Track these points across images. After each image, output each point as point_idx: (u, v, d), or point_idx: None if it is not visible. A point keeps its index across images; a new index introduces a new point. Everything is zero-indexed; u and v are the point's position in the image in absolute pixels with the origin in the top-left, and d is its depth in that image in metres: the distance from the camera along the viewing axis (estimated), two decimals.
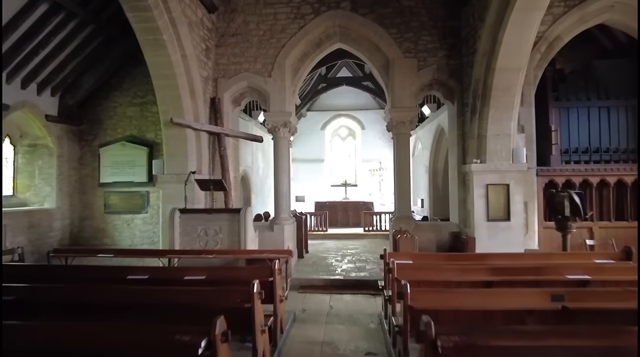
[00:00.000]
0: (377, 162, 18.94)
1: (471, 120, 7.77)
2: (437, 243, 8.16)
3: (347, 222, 16.14)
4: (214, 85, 8.58)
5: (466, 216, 8.05)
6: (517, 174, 7.57)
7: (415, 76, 8.27)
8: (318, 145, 19.45)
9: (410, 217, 8.30)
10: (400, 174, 8.33)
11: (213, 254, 6.43)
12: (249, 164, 10.93)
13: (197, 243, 6.91)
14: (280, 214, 8.36)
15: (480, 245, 7.47)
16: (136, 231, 8.98)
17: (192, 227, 6.92)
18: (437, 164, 11.93)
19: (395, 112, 8.21)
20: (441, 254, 5.83)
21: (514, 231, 7.52)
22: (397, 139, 8.41)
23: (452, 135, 8.66)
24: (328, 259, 10.12)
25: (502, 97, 7.24)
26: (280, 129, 8.35)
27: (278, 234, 8.22)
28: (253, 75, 8.49)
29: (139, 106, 9.11)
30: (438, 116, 10.92)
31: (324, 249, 11.74)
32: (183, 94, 7.62)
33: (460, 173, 8.21)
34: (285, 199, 8.44)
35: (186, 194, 7.22)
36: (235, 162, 8.92)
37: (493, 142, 7.53)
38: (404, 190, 8.28)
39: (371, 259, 10.13)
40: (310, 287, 7.85)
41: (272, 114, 8.38)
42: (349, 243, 12.77)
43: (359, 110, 19.32)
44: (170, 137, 7.84)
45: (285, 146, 8.51)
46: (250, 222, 6.84)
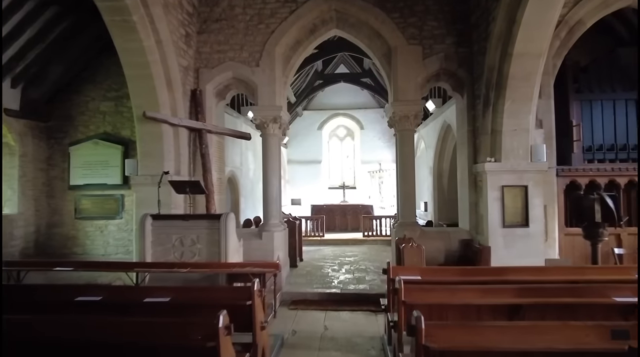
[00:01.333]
0: (376, 163, 18.08)
1: (484, 114, 6.89)
2: (445, 252, 7.26)
3: (346, 227, 15.28)
4: (195, 76, 7.70)
5: (478, 222, 7.16)
6: (537, 174, 6.69)
7: (420, 66, 7.39)
8: (315, 146, 18.58)
9: (415, 224, 7.40)
10: (403, 175, 7.44)
11: (187, 268, 5.55)
12: (237, 164, 10.02)
13: (171, 254, 6.03)
14: (270, 220, 7.46)
15: (495, 255, 6.59)
16: (110, 239, 8.08)
17: (166, 236, 6.04)
18: (442, 164, 11.04)
19: (399, 105, 7.33)
20: (454, 269, 4.97)
21: (533, 238, 6.64)
22: (401, 136, 7.52)
23: (461, 132, 7.77)
24: (324, 269, 9.23)
25: (520, 87, 6.37)
26: (269, 125, 7.46)
27: (267, 243, 7.32)
28: (239, 65, 7.61)
29: (114, 101, 8.22)
30: (444, 112, 10.04)
31: (320, 256, 10.84)
32: (158, 85, 6.74)
33: (471, 174, 7.33)
34: (275, 203, 7.55)
35: (160, 197, 6.35)
36: (219, 162, 8.03)
37: (509, 139, 6.65)
38: (408, 193, 7.39)
39: (371, 268, 9.24)
40: (303, 302, 6.96)
41: (260, 108, 7.49)
42: (347, 250, 11.88)
43: (358, 109, 18.46)
44: (144, 134, 6.96)
45: (275, 144, 7.62)
46: (233, 230, 5.95)
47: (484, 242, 6.81)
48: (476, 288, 4.00)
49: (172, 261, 5.97)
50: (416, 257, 6.22)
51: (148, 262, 5.67)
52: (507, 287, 4.00)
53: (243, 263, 5.75)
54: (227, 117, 9.09)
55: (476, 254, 6.69)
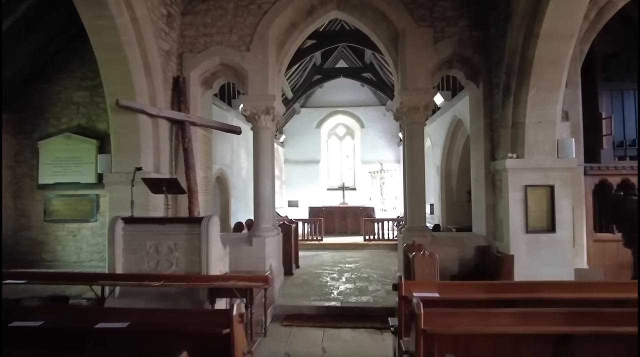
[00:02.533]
0: (377, 163, 17.26)
1: (503, 105, 6.08)
2: (459, 261, 6.44)
3: (345, 230, 14.46)
4: (178, 62, 6.87)
5: (497, 227, 6.34)
6: (564, 172, 5.89)
7: (431, 50, 6.57)
8: (313, 145, 17.75)
9: (425, 229, 6.57)
10: (412, 173, 6.62)
11: (161, 281, 4.71)
12: (227, 162, 9.16)
13: (145, 264, 5.21)
14: (261, 224, 6.63)
15: (517, 264, 5.78)
16: (83, 244, 7.23)
17: (140, 242, 5.22)
18: (451, 163, 10.22)
19: (407, 95, 6.51)
20: (478, 284, 4.16)
21: (560, 245, 5.82)
22: (409, 130, 6.70)
23: (476, 126, 6.96)
24: (322, 277, 8.39)
25: (547, 74, 5.56)
26: (261, 117, 6.63)
27: (258, 250, 6.49)
28: (227, 50, 6.79)
29: (89, 90, 7.38)
30: (454, 105, 9.23)
31: (318, 262, 10.01)
32: (134, 69, 5.92)
33: (488, 172, 6.51)
34: (267, 205, 6.71)
35: (134, 198, 5.57)
36: (206, 158, 7.19)
37: (533, 132, 5.85)
38: (418, 194, 6.56)
39: (374, 277, 8.41)
40: (299, 317, 6.14)
41: (250, 98, 6.67)
42: (347, 255, 11.05)
43: (358, 106, 17.64)
44: (118, 125, 6.15)
45: (267, 139, 6.79)
46: (216, 236, 5.12)
47: (504, 249, 5.99)
48: (512, 312, 3.17)
49: (146, 271, 5.16)
50: (428, 268, 5.40)
51: (115, 274, 4.84)
52: (551, 310, 3.16)
53: (226, 276, 4.91)
54: (215, 110, 8.26)
55: (496, 263, 5.87)
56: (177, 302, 5.03)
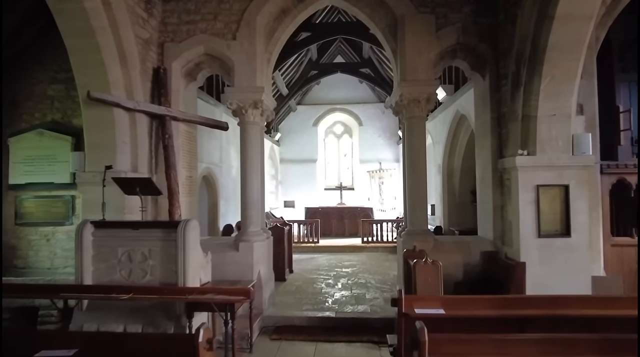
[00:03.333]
0: (376, 162, 16.74)
1: (512, 97, 5.55)
2: (464, 267, 5.91)
3: (343, 232, 13.93)
4: (159, 52, 6.33)
5: (505, 230, 5.81)
6: (580, 170, 5.36)
7: (433, 39, 6.04)
8: (310, 144, 17.21)
9: (427, 232, 6.04)
10: (413, 172, 6.08)
11: (130, 294, 4.18)
12: (215, 160, 8.58)
13: (117, 273, 4.71)
14: (249, 228, 6.09)
15: (528, 272, 5.25)
16: (57, 249, 6.67)
17: (111, 249, 4.72)
18: (453, 161, 9.68)
19: (407, 86, 5.97)
20: (490, 299, 3.63)
21: (576, 251, 5.29)
22: (409, 125, 6.16)
23: (481, 121, 6.43)
24: (317, 283, 7.87)
25: (561, 61, 5.04)
26: (248, 111, 6.09)
27: (245, 256, 5.95)
28: (212, 38, 6.25)
29: (64, 83, 6.82)
30: (456, 100, 8.69)
31: (314, 267, 9.48)
32: (108, 59, 5.39)
33: (496, 171, 5.98)
34: (256, 206, 6.17)
35: (106, 199, 5.03)
36: (190, 156, 6.65)
37: (546, 126, 5.32)
38: (419, 194, 6.03)
39: (372, 283, 7.89)
40: (289, 330, 5.61)
41: (236, 90, 6.12)
42: (344, 258, 10.52)
43: (356, 104, 17.10)
44: (92, 121, 5.62)
45: (256, 135, 6.25)
46: (195, 242, 4.60)
47: (514, 255, 5.46)
48: (536, 339, 2.64)
49: (117, 281, 4.66)
50: (431, 277, 4.86)
51: (79, 286, 4.32)
52: (585, 337, 2.63)
53: (204, 288, 4.37)
54: (202, 105, 7.71)
55: (505, 271, 5.34)
56: (150, 316, 4.51)
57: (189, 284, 4.45)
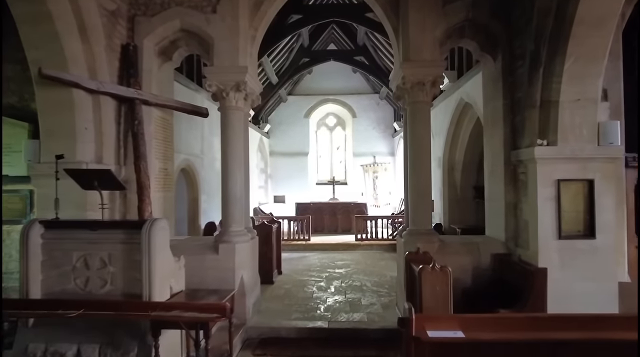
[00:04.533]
0: (370, 156, 16.07)
1: (530, 80, 4.89)
2: (473, 272, 5.26)
3: (335, 228, 13.29)
4: (129, 27, 5.56)
5: (520, 230, 5.17)
6: (606, 163, 4.73)
7: (439, 14, 5.35)
8: (301, 136, 16.48)
9: (431, 233, 5.36)
10: (416, 165, 5.40)
11: (81, 310, 3.48)
12: (196, 151, 7.78)
13: (71, 282, 4.04)
14: (230, 227, 5.37)
15: (548, 278, 4.60)
16: (13, 251, 5.88)
17: (64, 253, 4.03)
18: (455, 154, 9.03)
19: (410, 67, 5.28)
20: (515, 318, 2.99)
21: (601, 254, 4.67)
22: (412, 112, 5.47)
23: (491, 108, 5.77)
24: (307, 286, 7.20)
25: (589, 38, 4.38)
26: (230, 94, 5.35)
27: (225, 259, 5.24)
28: (189, 11, 5.49)
29: (22, 63, 5.99)
30: (460, 87, 8.01)
31: (304, 267, 8.81)
32: (64, 31, 4.63)
33: (508, 164, 5.33)
34: (238, 203, 5.45)
35: (62, 195, 4.35)
36: (165, 146, 5.91)
37: (569, 113, 4.66)
38: (423, 190, 5.35)
39: (368, 285, 7.24)
40: (275, 343, 4.95)
41: (216, 70, 5.38)
42: (337, 257, 9.87)
43: (350, 94, 16.38)
44: (48, 103, 4.90)
45: (238, 122, 5.51)
46: (163, 245, 3.90)
47: (530, 258, 4.82)
48: None
49: (72, 291, 3.97)
50: (440, 285, 4.20)
51: (14, 300, 3.61)
52: None
53: (170, 303, 3.66)
54: (181, 89, 6.94)
55: (522, 277, 4.69)
56: (110, 334, 3.81)
57: (155, 295, 3.76)
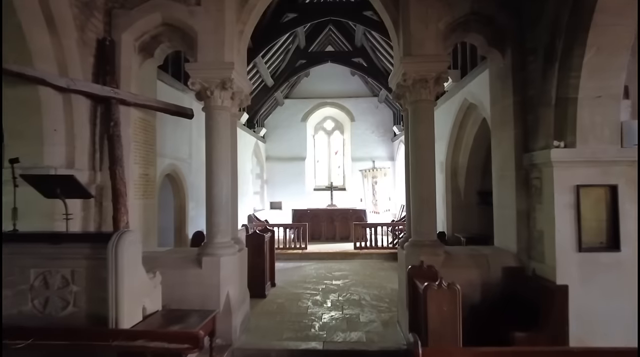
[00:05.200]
0: (369, 161, 15.61)
1: (544, 76, 4.44)
2: (482, 287, 4.77)
3: (333, 236, 12.79)
4: (105, 21, 5.11)
5: (533, 242, 4.70)
6: (631, 167, 4.26)
7: (442, 5, 4.91)
8: (298, 141, 16.03)
9: (436, 244, 4.88)
10: (418, 169, 4.93)
11: (29, 340, 3.00)
12: (183, 156, 7.28)
13: (28, 303, 3.56)
14: (215, 238, 4.89)
15: None
16: None
17: (21, 270, 3.59)
18: (458, 158, 8.56)
19: (412, 63, 4.83)
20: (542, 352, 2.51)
21: (627, 268, 4.19)
22: (414, 112, 5.01)
23: (500, 107, 5.31)
24: (302, 300, 6.70)
25: (611, 26, 3.94)
26: (214, 93, 4.89)
27: (209, 274, 4.75)
28: (171, 3, 5.05)
29: None
30: (464, 87, 7.56)
31: (300, 278, 8.31)
32: (28, 22, 4.18)
33: (520, 168, 4.87)
34: (224, 211, 4.97)
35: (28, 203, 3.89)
36: (145, 149, 5.44)
37: (588, 111, 4.22)
38: (426, 196, 4.88)
39: (367, 299, 6.75)
40: None
41: (200, 67, 4.93)
42: (334, 267, 9.37)
43: (348, 97, 15.95)
44: (12, 102, 4.40)
45: (224, 122, 5.04)
46: (134, 261, 3.45)
47: (546, 273, 4.34)
48: None
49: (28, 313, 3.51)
50: (447, 304, 3.71)
51: None
52: None
53: (134, 332, 3.16)
54: (166, 89, 6.49)
55: (537, 293, 4.21)
56: None
57: (123, 318, 3.30)
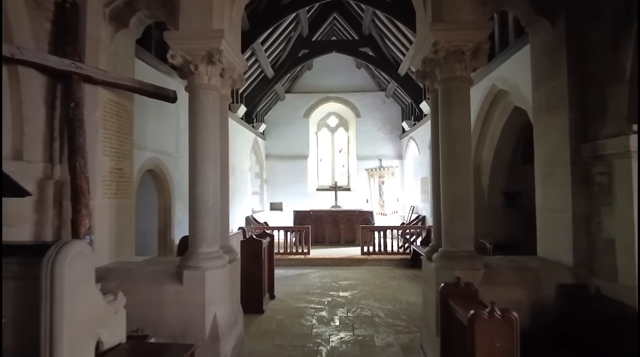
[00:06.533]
0: (376, 159, 14.71)
1: (614, 45, 3.51)
2: (531, 309, 3.83)
3: (338, 239, 11.87)
4: None
5: (597, 252, 3.76)
6: None
7: None
8: (300, 138, 15.10)
9: (474, 256, 3.92)
10: (452, 164, 3.99)
11: None
12: (169, 149, 6.26)
13: None
14: (199, 248, 3.96)
15: None
16: None
17: None
18: (481, 154, 7.57)
19: (444, 30, 3.89)
20: None
21: None
22: (446, 91, 4.07)
23: (547, 89, 4.38)
24: (306, 316, 5.78)
25: None
26: (199, 68, 3.96)
27: (192, 292, 3.82)
28: None
29: None
30: (491, 71, 6.56)
31: (302, 289, 7.37)
32: None
33: (577, 162, 3.94)
34: (211, 215, 4.03)
35: None
36: (118, 139, 4.50)
37: None
38: (461, 198, 3.92)
39: (381, 316, 5.84)
40: None
41: (182, 35, 4.00)
42: (340, 275, 8.44)
43: (353, 92, 15.01)
44: None
45: (212, 106, 4.10)
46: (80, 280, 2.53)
47: (619, 295, 3.40)
48: None
49: None
50: (501, 341, 2.78)
51: None
52: None
53: None
54: (146, 70, 5.52)
55: (608, 321, 3.27)
56: None
57: None
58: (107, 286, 3.95)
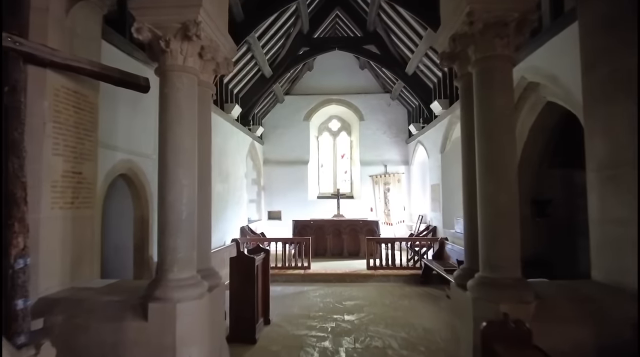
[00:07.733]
0: (381, 165, 13.85)
1: None
2: (598, 351, 2.95)
3: (341, 252, 11.00)
4: None
5: None
6: None
7: None
8: (300, 142, 14.24)
9: (522, 283, 3.01)
10: (491, 163, 3.15)
11: None
12: (146, 150, 5.28)
13: None
14: (170, 272, 3.08)
15: None
16: None
17: None
18: None
19: None
20: None
21: None
22: (483, 74, 3.24)
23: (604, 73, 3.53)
24: (306, 347, 4.92)
25: None
26: (171, 44, 3.13)
27: (159, 331, 2.95)
28: None
29: None
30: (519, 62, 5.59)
31: (302, 310, 6.48)
32: None
33: None
34: (184, 230, 3.16)
35: None
36: (77, 135, 3.65)
37: None
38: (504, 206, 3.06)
39: (394, 347, 4.97)
40: None
41: (150, 3, 3.17)
42: (345, 293, 7.55)
43: (356, 94, 14.17)
44: None
45: (186, 93, 3.25)
46: None
47: None
48: None
49: None
50: None
51: None
52: None
53: None
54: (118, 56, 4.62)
55: None
56: None
57: None
58: (52, 321, 3.10)
